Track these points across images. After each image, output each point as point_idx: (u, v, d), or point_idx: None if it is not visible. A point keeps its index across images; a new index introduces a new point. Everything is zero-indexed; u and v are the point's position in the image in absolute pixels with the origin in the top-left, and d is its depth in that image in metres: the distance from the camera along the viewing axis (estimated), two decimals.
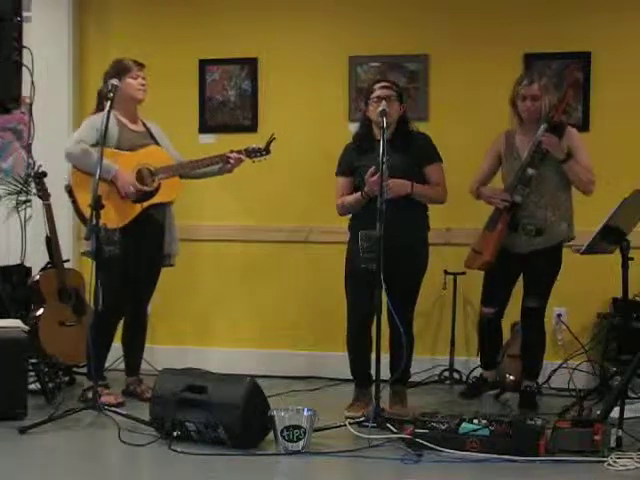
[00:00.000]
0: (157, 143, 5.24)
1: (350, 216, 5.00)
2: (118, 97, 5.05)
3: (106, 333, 5.04)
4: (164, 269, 5.35)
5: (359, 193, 4.86)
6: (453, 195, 5.10)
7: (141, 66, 5.19)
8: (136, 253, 5.06)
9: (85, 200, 4.87)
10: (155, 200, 5.11)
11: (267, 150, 5.25)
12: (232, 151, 5.23)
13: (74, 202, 5.05)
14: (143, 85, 5.16)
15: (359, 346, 4.92)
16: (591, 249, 4.69)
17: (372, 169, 4.68)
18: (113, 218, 4.86)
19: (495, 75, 5.28)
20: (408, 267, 4.85)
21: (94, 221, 4.59)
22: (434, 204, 4.97)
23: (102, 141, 4.76)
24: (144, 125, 5.25)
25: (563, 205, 5.00)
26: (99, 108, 5.14)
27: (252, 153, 5.25)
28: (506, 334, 5.33)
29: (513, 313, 5.20)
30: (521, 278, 5.12)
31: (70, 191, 5.05)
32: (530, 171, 4.92)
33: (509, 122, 5.10)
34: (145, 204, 5.07)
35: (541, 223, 4.96)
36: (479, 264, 5.06)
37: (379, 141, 4.60)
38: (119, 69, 5.15)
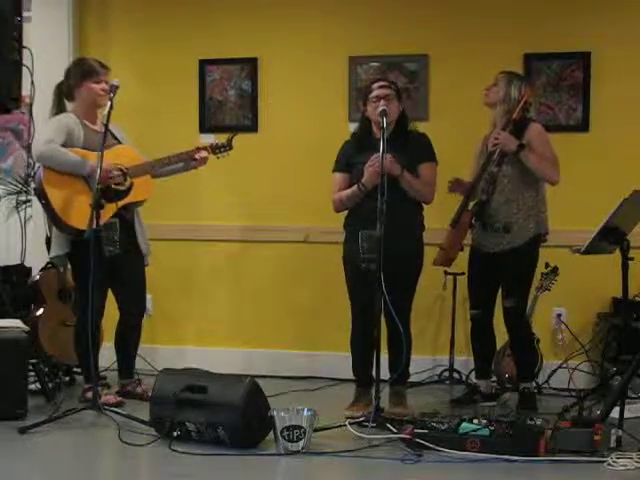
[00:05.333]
0: (120, 143, 5.11)
1: (345, 215, 5.00)
2: (78, 100, 5.02)
3: (92, 334, 4.82)
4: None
5: (356, 186, 4.85)
6: (453, 195, 5.10)
7: (106, 69, 5.07)
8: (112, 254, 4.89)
9: (59, 199, 4.81)
10: (129, 199, 5.00)
11: (230, 145, 5.24)
12: (198, 148, 5.20)
13: (46, 203, 4.87)
14: (105, 90, 4.94)
15: (363, 347, 4.90)
16: (591, 249, 4.68)
17: (372, 157, 4.69)
18: (87, 219, 4.65)
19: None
20: (404, 267, 4.83)
21: (94, 221, 4.57)
22: (420, 200, 4.93)
23: (102, 141, 4.71)
24: (105, 126, 4.84)
25: (527, 202, 4.99)
26: (60, 107, 5.05)
27: (216, 149, 5.24)
28: (506, 334, 5.32)
29: None
30: None
31: (42, 192, 4.87)
32: (493, 168, 4.95)
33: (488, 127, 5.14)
34: (120, 203, 4.95)
35: (506, 220, 4.97)
36: (441, 260, 5.10)
37: (378, 139, 4.62)
38: (84, 71, 5.04)
